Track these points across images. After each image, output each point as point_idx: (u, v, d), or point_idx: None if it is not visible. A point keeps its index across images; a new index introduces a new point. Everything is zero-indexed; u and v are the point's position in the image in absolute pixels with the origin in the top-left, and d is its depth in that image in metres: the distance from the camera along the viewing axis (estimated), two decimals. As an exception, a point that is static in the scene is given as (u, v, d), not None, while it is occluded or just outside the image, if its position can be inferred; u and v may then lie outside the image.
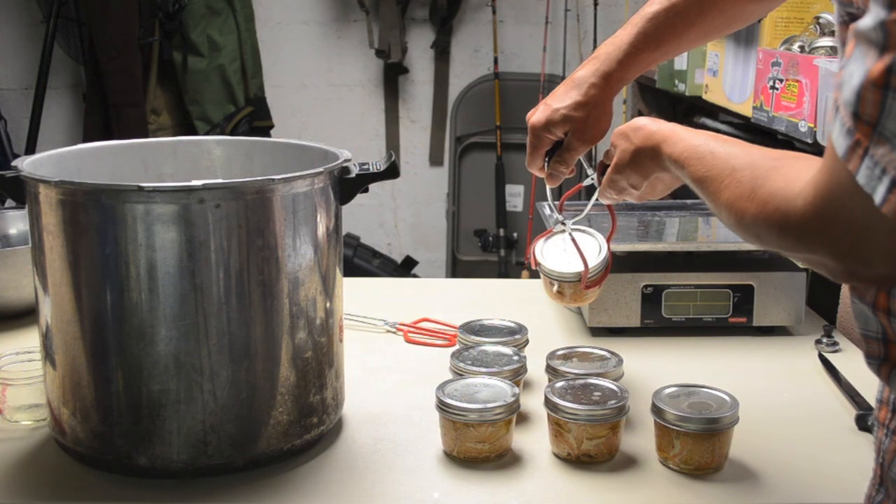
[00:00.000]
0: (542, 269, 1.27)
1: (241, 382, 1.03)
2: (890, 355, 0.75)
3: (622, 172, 1.09)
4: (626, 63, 1.16)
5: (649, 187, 1.10)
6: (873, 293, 0.75)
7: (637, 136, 1.05)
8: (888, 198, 0.61)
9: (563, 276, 1.24)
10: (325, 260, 1.09)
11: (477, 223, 3.92)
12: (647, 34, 1.15)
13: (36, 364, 1.18)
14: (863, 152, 0.63)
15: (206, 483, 1.04)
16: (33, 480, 1.06)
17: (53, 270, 1.03)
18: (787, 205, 0.73)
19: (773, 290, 1.48)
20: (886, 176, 0.61)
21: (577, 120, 1.17)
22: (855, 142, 0.63)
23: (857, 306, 0.77)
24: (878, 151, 0.62)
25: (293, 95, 3.96)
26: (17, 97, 3.88)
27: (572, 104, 1.17)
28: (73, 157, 1.21)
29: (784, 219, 0.73)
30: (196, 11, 3.55)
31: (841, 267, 0.70)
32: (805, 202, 0.70)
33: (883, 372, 0.77)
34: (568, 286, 1.25)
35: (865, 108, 0.62)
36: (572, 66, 3.71)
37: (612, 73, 1.16)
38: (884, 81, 0.60)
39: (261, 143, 1.32)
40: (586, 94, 1.16)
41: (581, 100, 1.16)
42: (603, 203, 1.21)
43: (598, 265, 1.24)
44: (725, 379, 1.22)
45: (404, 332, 1.53)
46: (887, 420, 0.78)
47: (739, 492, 1.05)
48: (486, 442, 1.09)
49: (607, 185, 1.13)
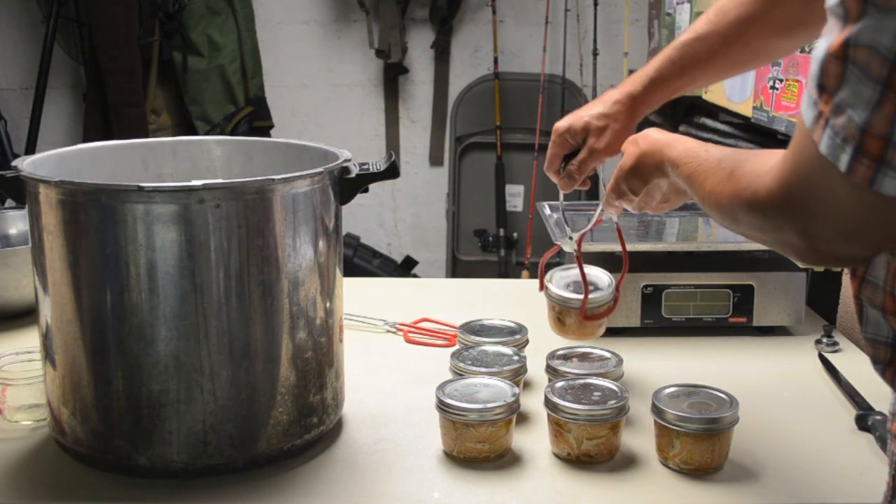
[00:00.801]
0: (547, 292, 1.30)
1: (241, 382, 1.03)
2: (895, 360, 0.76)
3: (624, 176, 1.11)
4: (651, 87, 1.21)
5: (647, 195, 1.11)
6: (881, 297, 0.75)
7: (644, 142, 1.08)
8: (854, 166, 0.64)
9: (565, 300, 1.28)
10: (325, 260, 1.09)
11: (477, 223, 3.92)
12: (672, 60, 1.20)
13: (36, 364, 1.18)
14: (825, 123, 0.65)
15: (206, 483, 1.04)
16: (33, 480, 1.06)
17: (53, 270, 1.03)
18: (756, 181, 0.76)
19: (773, 290, 1.48)
20: (848, 145, 0.63)
21: (596, 129, 1.22)
22: (818, 113, 0.66)
23: (870, 312, 0.78)
24: (837, 122, 0.64)
25: (293, 95, 3.96)
26: (17, 97, 3.88)
27: (596, 114, 1.23)
28: (73, 157, 1.21)
29: (754, 195, 0.76)
30: (196, 11, 3.54)
31: (805, 244, 0.72)
32: (773, 178, 0.73)
33: (888, 375, 0.78)
34: (569, 315, 1.28)
35: (828, 79, 0.64)
36: (572, 66, 3.71)
37: (636, 95, 1.22)
38: (842, 53, 0.63)
39: (261, 143, 1.32)
40: (610, 108, 1.22)
41: (604, 111, 1.22)
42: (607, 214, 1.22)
43: (602, 297, 1.27)
44: (725, 379, 1.22)
45: (404, 332, 1.53)
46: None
47: (739, 492, 1.05)
48: (486, 442, 1.09)
49: (610, 191, 1.15)
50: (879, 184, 0.63)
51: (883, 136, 0.62)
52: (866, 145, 0.63)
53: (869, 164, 0.63)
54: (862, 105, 0.62)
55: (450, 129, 4.01)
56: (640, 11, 3.77)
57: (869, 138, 0.63)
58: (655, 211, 1.14)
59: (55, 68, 3.60)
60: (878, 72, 0.61)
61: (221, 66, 3.59)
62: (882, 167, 0.63)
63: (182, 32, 3.54)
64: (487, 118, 3.86)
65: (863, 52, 0.62)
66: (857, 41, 0.62)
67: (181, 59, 3.56)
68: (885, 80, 0.61)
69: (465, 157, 3.98)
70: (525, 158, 3.79)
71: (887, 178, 0.63)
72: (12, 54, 3.85)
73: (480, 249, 3.86)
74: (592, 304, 1.27)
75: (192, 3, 3.52)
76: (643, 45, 3.64)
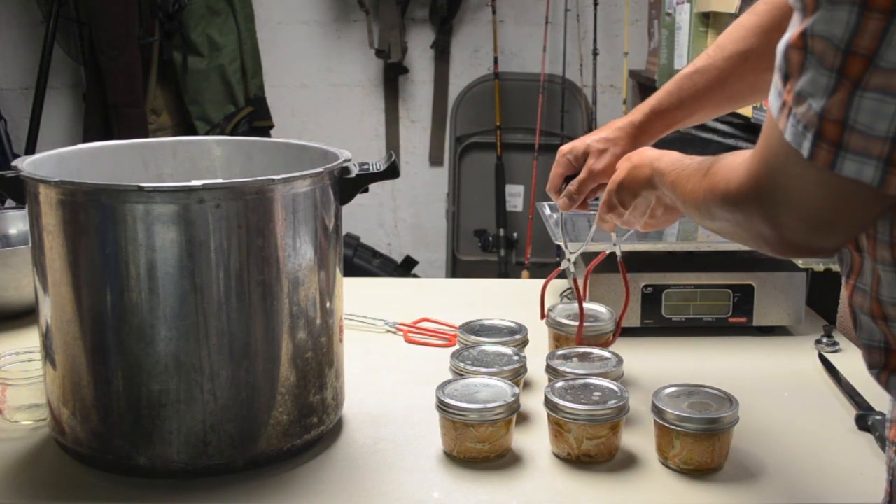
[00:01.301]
0: (547, 321, 1.36)
1: (241, 382, 1.03)
2: (889, 363, 0.78)
3: (616, 189, 1.14)
4: (651, 117, 1.25)
5: (635, 209, 1.14)
6: (869, 303, 0.78)
7: (636, 157, 1.11)
8: (815, 151, 0.67)
9: (561, 325, 1.33)
10: (325, 260, 1.09)
11: (477, 223, 3.92)
12: (671, 93, 1.24)
13: (36, 364, 1.18)
14: (788, 111, 0.68)
15: (206, 483, 1.04)
16: (33, 480, 1.06)
17: (53, 270, 1.03)
18: (729, 174, 0.79)
19: (773, 290, 1.48)
20: (809, 131, 0.67)
21: (596, 151, 1.26)
22: (783, 102, 0.69)
23: (862, 318, 0.80)
24: (799, 110, 0.67)
25: (293, 95, 3.96)
26: (17, 97, 3.88)
27: (598, 138, 1.27)
28: (73, 157, 1.21)
29: (727, 187, 0.79)
30: (196, 11, 3.54)
31: (776, 234, 0.75)
32: (744, 170, 0.76)
33: (882, 379, 0.79)
34: (565, 341, 1.33)
35: (791, 69, 0.68)
36: (572, 66, 3.71)
37: (637, 123, 1.25)
38: (801, 43, 0.66)
39: (261, 143, 1.32)
40: (612, 133, 1.26)
41: (606, 136, 1.26)
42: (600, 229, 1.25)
43: (599, 326, 1.32)
44: (725, 379, 1.22)
45: (404, 332, 1.53)
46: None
47: (739, 492, 1.05)
48: (486, 442, 1.09)
49: (603, 205, 1.19)
50: (840, 167, 0.66)
51: (839, 121, 0.65)
52: (825, 131, 0.66)
53: (829, 148, 0.66)
54: (820, 93, 0.66)
55: (450, 129, 4.01)
56: (640, 11, 3.77)
57: (827, 124, 0.66)
58: (643, 228, 1.17)
59: (55, 68, 3.60)
60: (832, 61, 0.65)
61: (221, 66, 3.59)
62: (841, 151, 0.66)
63: (182, 32, 3.54)
64: (487, 118, 3.86)
65: (819, 42, 0.65)
66: (812, 32, 0.65)
67: (181, 59, 3.56)
68: (838, 68, 0.64)
69: (465, 157, 3.98)
70: (525, 158, 3.79)
71: (846, 160, 0.66)
72: (12, 54, 3.85)
73: (480, 249, 3.86)
74: (591, 331, 1.31)
75: (192, 3, 3.52)
76: (643, 45, 3.64)
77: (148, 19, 3.48)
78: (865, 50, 0.63)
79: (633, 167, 1.11)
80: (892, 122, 0.64)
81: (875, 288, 0.76)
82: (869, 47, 0.63)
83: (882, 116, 0.64)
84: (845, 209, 0.70)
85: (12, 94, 3.88)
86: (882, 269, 0.75)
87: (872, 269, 0.76)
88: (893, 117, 0.64)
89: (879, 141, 0.65)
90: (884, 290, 0.75)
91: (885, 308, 0.76)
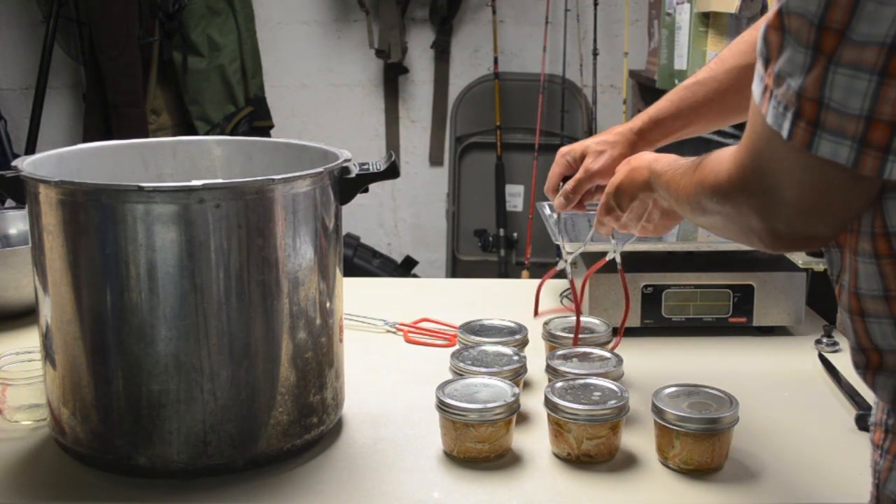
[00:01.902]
0: (543, 333, 1.36)
1: (241, 382, 1.03)
2: (871, 362, 0.78)
3: (613, 192, 1.15)
4: (650, 124, 1.26)
5: (632, 213, 1.14)
6: (847, 300, 0.77)
7: (635, 161, 1.13)
8: (793, 131, 0.67)
9: (556, 336, 1.33)
10: (325, 260, 1.09)
11: (477, 223, 3.92)
12: (671, 102, 1.25)
13: (36, 364, 1.18)
14: (769, 95, 0.68)
15: (206, 483, 1.04)
16: (33, 480, 1.06)
17: (53, 270, 1.03)
18: (718, 167, 0.80)
19: (773, 290, 1.48)
20: (788, 111, 0.67)
21: (594, 152, 1.27)
22: (764, 87, 0.69)
23: (845, 317, 0.80)
24: (779, 92, 0.67)
25: (293, 95, 3.96)
26: (17, 97, 3.88)
27: (597, 140, 1.28)
28: (73, 157, 1.21)
29: (716, 179, 0.80)
30: (196, 11, 3.54)
31: (766, 226, 0.75)
32: (731, 161, 0.77)
33: (868, 378, 0.80)
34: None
35: (770, 51, 0.68)
36: (572, 66, 3.71)
37: (636, 129, 1.27)
38: (778, 23, 0.66)
39: (261, 143, 1.32)
40: (611, 136, 1.28)
41: (605, 138, 1.27)
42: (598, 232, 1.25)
43: (596, 336, 1.32)
44: (725, 379, 1.22)
45: (404, 332, 1.53)
46: (881, 441, 0.80)
47: (739, 492, 1.05)
48: (486, 442, 1.09)
49: (601, 208, 1.19)
50: (816, 146, 0.66)
51: (815, 99, 0.65)
52: (803, 109, 0.66)
53: (805, 127, 0.66)
54: (798, 71, 0.66)
55: (450, 129, 4.01)
56: (640, 11, 3.77)
57: (805, 102, 0.66)
58: (641, 233, 1.17)
59: (55, 68, 3.60)
60: (807, 37, 0.65)
61: (221, 66, 3.59)
62: (817, 129, 0.66)
63: (182, 32, 3.54)
64: (487, 118, 3.86)
65: (795, 19, 0.65)
66: (788, 9, 0.65)
67: (181, 59, 3.56)
68: (813, 44, 0.64)
69: (465, 157, 3.98)
70: (525, 158, 3.79)
71: (823, 140, 0.66)
72: (12, 54, 3.85)
73: (480, 249, 3.86)
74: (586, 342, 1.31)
75: (192, 3, 3.52)
76: (643, 45, 3.64)
77: (148, 19, 3.48)
78: (837, 24, 0.63)
79: (632, 170, 1.11)
80: (864, 98, 0.64)
81: (853, 283, 0.76)
82: (841, 21, 0.63)
83: (855, 92, 0.64)
84: (827, 193, 0.70)
85: (12, 94, 3.88)
86: (861, 261, 0.74)
87: (851, 262, 0.76)
88: (866, 94, 0.63)
89: (854, 119, 0.64)
90: (861, 282, 0.75)
91: (864, 302, 0.75)
